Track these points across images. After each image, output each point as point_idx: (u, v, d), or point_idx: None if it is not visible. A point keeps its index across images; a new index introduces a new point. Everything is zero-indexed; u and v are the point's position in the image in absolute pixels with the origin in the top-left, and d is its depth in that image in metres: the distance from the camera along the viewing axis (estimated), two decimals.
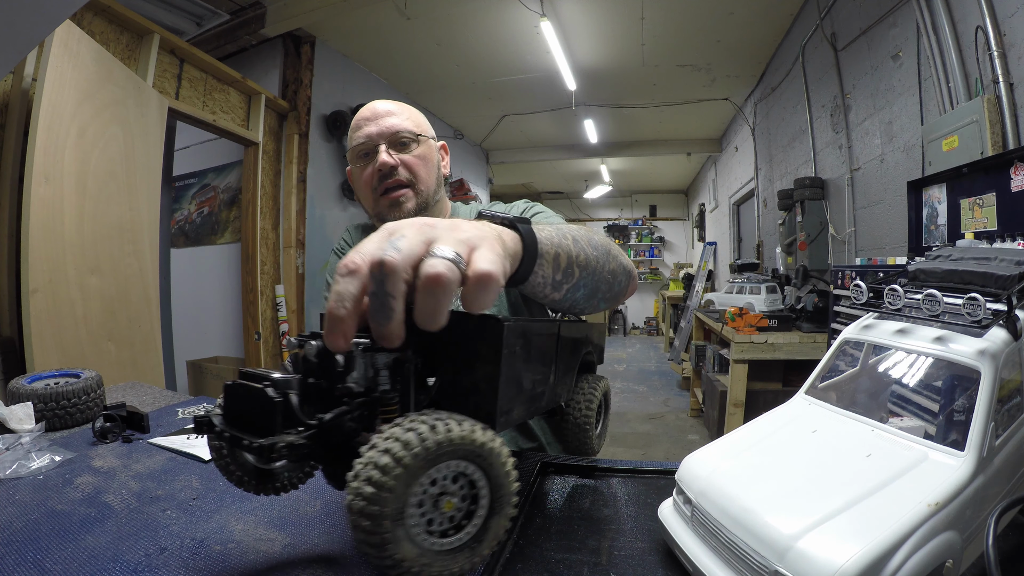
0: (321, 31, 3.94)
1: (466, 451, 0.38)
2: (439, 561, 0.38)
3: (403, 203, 0.99)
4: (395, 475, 0.34)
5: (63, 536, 0.55)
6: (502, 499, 0.42)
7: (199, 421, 0.43)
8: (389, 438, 0.35)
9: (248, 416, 0.41)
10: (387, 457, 0.35)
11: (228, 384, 0.42)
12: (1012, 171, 1.59)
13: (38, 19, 0.75)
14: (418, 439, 0.35)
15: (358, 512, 0.34)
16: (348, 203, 4.39)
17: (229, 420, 0.42)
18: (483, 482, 0.41)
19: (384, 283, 0.37)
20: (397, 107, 1.03)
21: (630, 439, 3.94)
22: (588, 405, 0.68)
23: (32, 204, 1.87)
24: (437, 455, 0.36)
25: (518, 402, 0.52)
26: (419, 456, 0.35)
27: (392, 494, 0.35)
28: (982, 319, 0.48)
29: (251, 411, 0.40)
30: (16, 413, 0.87)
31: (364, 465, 0.35)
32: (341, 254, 1.11)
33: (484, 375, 0.47)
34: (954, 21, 2.08)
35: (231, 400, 0.42)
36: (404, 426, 0.36)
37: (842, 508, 0.41)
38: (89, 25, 2.47)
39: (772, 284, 3.80)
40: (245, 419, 0.41)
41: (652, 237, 10.99)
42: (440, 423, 0.37)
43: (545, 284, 0.53)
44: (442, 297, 0.37)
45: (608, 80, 4.99)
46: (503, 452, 0.41)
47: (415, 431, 0.36)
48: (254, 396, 0.40)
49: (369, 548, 0.35)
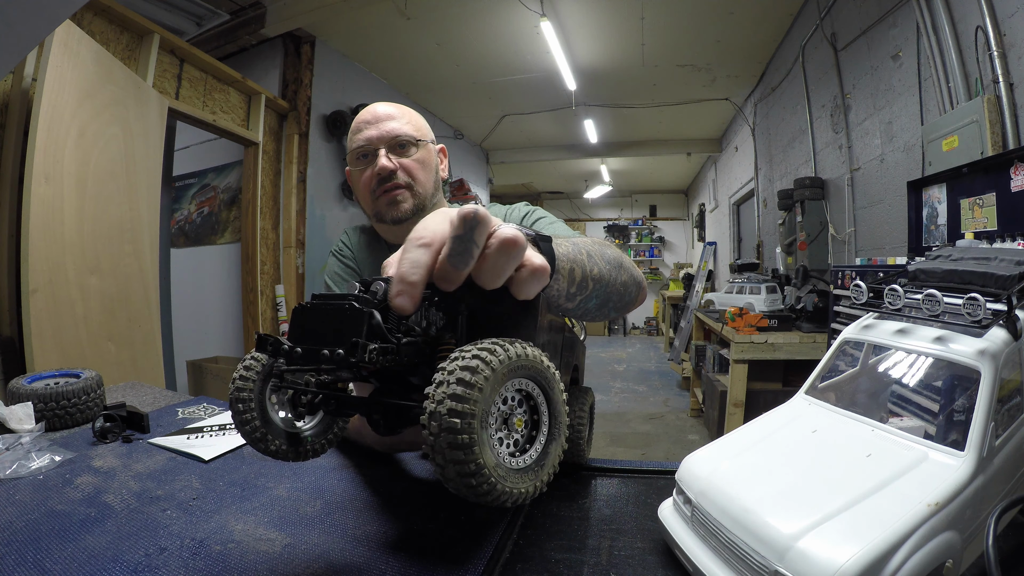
0: (321, 31, 3.94)
1: (535, 370, 0.40)
2: (511, 477, 0.40)
3: (400, 202, 1.00)
4: (485, 376, 0.36)
5: (63, 536, 0.55)
6: (560, 425, 0.44)
7: (263, 339, 0.42)
8: (469, 351, 0.37)
9: (326, 334, 0.40)
10: (477, 361, 0.36)
11: (301, 305, 0.42)
12: (1012, 171, 1.59)
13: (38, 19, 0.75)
14: (502, 350, 0.38)
15: (448, 412, 0.35)
16: (348, 203, 4.39)
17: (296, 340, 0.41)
18: (544, 406, 0.43)
19: (474, 231, 0.41)
20: (397, 110, 1.03)
21: (630, 439, 3.94)
22: (581, 411, 0.69)
23: (32, 204, 1.87)
24: (516, 367, 0.38)
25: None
26: (504, 363, 0.37)
27: (482, 394, 0.36)
28: (982, 319, 0.48)
29: (330, 328, 0.40)
30: (16, 413, 0.87)
31: (451, 372, 0.36)
32: (340, 255, 1.11)
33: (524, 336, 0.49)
34: (954, 21, 2.08)
35: (303, 321, 0.42)
36: (482, 345, 0.38)
37: (842, 508, 0.41)
38: (89, 25, 2.47)
39: (772, 284, 3.80)
40: (320, 337, 0.40)
41: (652, 237, 10.99)
42: (515, 344, 0.39)
43: (560, 296, 0.57)
44: (513, 258, 0.42)
45: (608, 80, 4.99)
46: (560, 378, 0.43)
47: (498, 343, 0.38)
48: (337, 312, 0.40)
49: (457, 451, 0.36)
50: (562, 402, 0.43)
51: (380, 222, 1.05)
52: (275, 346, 0.42)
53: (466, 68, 4.71)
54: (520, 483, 0.40)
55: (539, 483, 0.42)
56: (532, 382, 0.41)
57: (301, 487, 0.69)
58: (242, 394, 0.47)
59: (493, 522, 0.58)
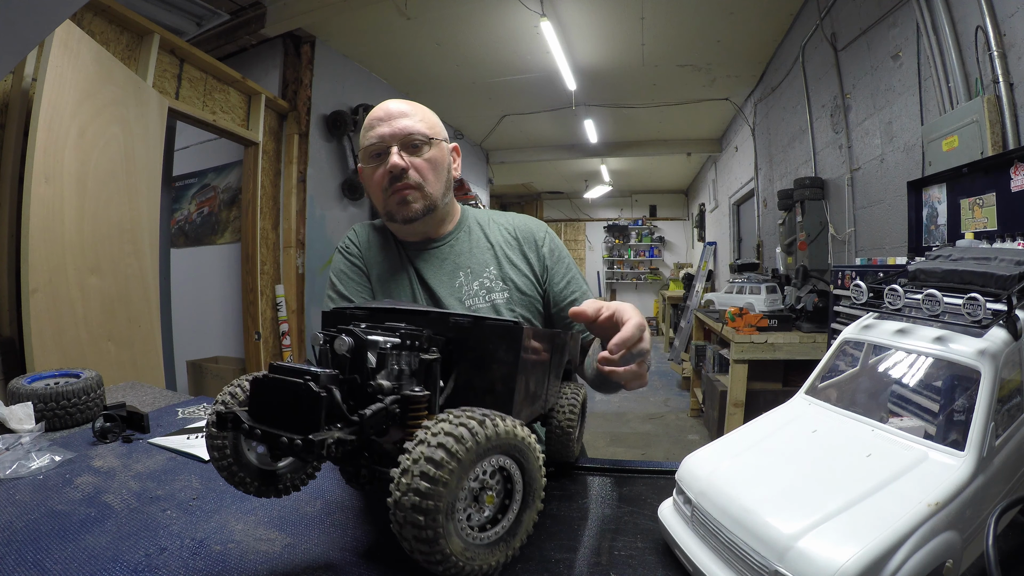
0: (321, 31, 3.94)
1: (509, 446, 0.38)
2: (480, 555, 0.39)
3: (411, 202, 1.00)
4: (450, 469, 0.34)
5: (63, 536, 0.55)
6: (534, 493, 0.42)
7: (223, 417, 0.40)
8: (439, 433, 0.35)
9: (283, 412, 0.39)
10: (442, 451, 0.34)
11: (258, 377, 0.40)
12: (1012, 171, 1.59)
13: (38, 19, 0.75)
14: (470, 434, 0.36)
15: (411, 508, 0.34)
16: (348, 203, 4.39)
17: (257, 416, 0.40)
18: (519, 476, 0.41)
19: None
20: (411, 108, 1.02)
21: (630, 439, 3.94)
22: (571, 411, 0.69)
23: (32, 204, 1.87)
24: (486, 449, 0.37)
25: (527, 403, 0.54)
26: (471, 451, 0.36)
27: (447, 489, 0.35)
28: (982, 319, 0.48)
29: (287, 406, 0.38)
30: (16, 413, 0.87)
31: (415, 461, 0.35)
32: (346, 252, 1.11)
33: (501, 376, 0.48)
34: (954, 21, 2.08)
35: (261, 395, 0.40)
36: (452, 421, 0.36)
37: (842, 508, 0.41)
38: (89, 25, 2.47)
39: (772, 284, 3.79)
40: (278, 415, 0.39)
41: (652, 237, 10.98)
42: (488, 419, 0.37)
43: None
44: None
45: (608, 80, 4.99)
46: (537, 447, 0.42)
47: (466, 426, 0.36)
48: (293, 391, 0.38)
49: (420, 544, 0.35)
50: (538, 469, 0.42)
51: (391, 221, 1.05)
52: (235, 424, 0.40)
53: (466, 68, 4.71)
54: (491, 557, 0.40)
55: (510, 551, 0.41)
56: (506, 457, 0.39)
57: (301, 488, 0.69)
58: (215, 441, 0.46)
59: None
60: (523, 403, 0.52)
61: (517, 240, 1.11)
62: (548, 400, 0.66)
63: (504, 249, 1.10)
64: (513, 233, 1.12)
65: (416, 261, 1.08)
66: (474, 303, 1.03)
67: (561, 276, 1.09)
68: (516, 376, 0.48)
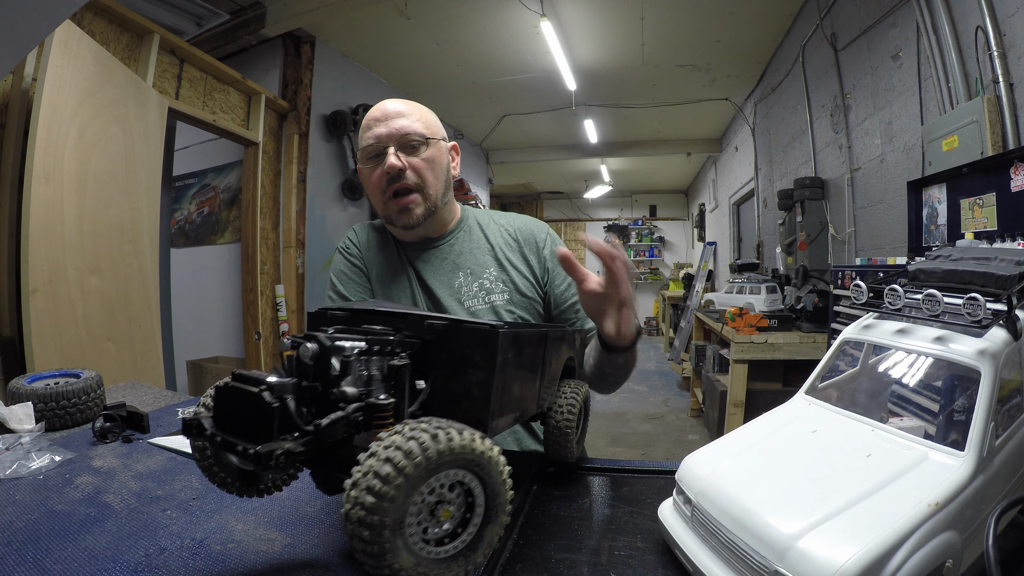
0: (321, 31, 3.94)
1: (466, 460, 0.38)
2: (435, 569, 0.38)
3: (412, 209, 0.99)
4: (396, 485, 0.34)
5: (63, 536, 0.55)
6: (497, 507, 0.41)
7: (188, 424, 0.42)
8: (390, 446, 0.35)
9: (241, 420, 0.39)
10: (388, 466, 0.34)
11: (219, 386, 0.41)
12: (1012, 171, 1.59)
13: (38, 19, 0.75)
14: (420, 448, 0.35)
15: (357, 522, 0.34)
16: (348, 203, 4.38)
17: (220, 424, 0.41)
18: (479, 490, 0.40)
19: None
20: (408, 107, 1.02)
21: (630, 439, 3.94)
22: (570, 410, 0.67)
23: (32, 204, 1.87)
24: (438, 464, 0.36)
25: (508, 408, 0.52)
26: (420, 466, 0.35)
27: (393, 504, 0.34)
28: (982, 319, 0.48)
29: (245, 415, 0.39)
30: (16, 413, 0.87)
31: (364, 474, 0.34)
32: (346, 253, 1.11)
33: (478, 381, 0.47)
34: (954, 21, 2.08)
35: (223, 403, 0.41)
36: (405, 434, 0.36)
37: (842, 508, 0.41)
38: (89, 25, 2.47)
39: (772, 284, 3.79)
40: (238, 423, 0.40)
41: (652, 237, 10.98)
42: (441, 431, 0.36)
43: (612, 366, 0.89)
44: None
45: (608, 80, 4.99)
46: (500, 460, 0.40)
47: (417, 440, 0.35)
48: (249, 400, 0.39)
49: (367, 558, 0.35)
50: (502, 483, 0.41)
51: (391, 225, 1.05)
52: (199, 431, 0.41)
53: (466, 68, 4.71)
54: (447, 572, 0.39)
55: (471, 567, 0.41)
56: (464, 471, 0.39)
57: (301, 487, 0.69)
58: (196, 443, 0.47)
59: None
60: (504, 408, 0.51)
61: (518, 242, 1.11)
62: (543, 400, 0.65)
63: (504, 250, 1.09)
64: (514, 234, 1.12)
65: (415, 261, 1.08)
66: (473, 304, 1.03)
67: (563, 278, 1.09)
68: (492, 382, 0.47)
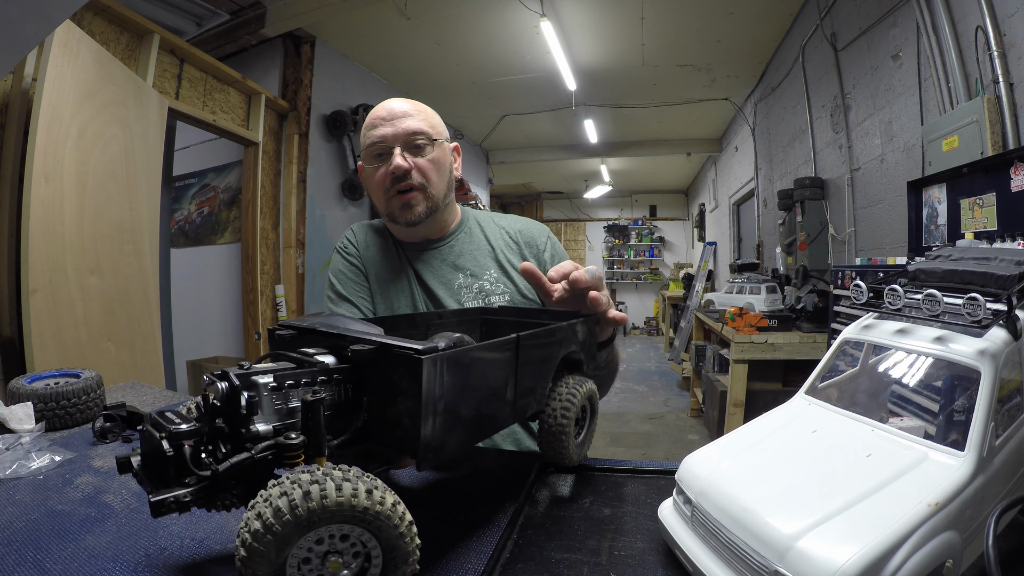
0: (321, 31, 3.94)
1: (346, 516, 0.37)
2: None
3: (414, 205, 1.00)
4: (265, 542, 0.34)
5: (63, 536, 0.55)
6: (396, 559, 0.40)
7: (120, 461, 0.44)
8: (267, 499, 0.35)
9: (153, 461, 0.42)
10: (258, 523, 0.34)
11: (140, 429, 0.44)
12: (1012, 171, 1.59)
13: (38, 19, 0.75)
14: (288, 506, 0.35)
15: (239, 569, 0.35)
16: (348, 203, 4.38)
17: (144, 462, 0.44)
18: (373, 543, 0.39)
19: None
20: (413, 107, 1.02)
21: (630, 439, 3.94)
22: (564, 413, 0.63)
23: (32, 204, 1.87)
24: (310, 522, 0.35)
25: (456, 433, 0.50)
26: (289, 524, 0.35)
27: (264, 559, 0.35)
28: (982, 319, 0.48)
29: (153, 457, 0.42)
30: (16, 413, 0.87)
31: (244, 524, 0.35)
32: (344, 253, 1.11)
33: (406, 410, 0.45)
34: (954, 21, 2.08)
35: (144, 443, 0.43)
36: (280, 489, 0.36)
37: (842, 508, 0.41)
38: (89, 25, 2.47)
39: (772, 284, 3.79)
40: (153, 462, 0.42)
41: (652, 237, 10.98)
42: (316, 487, 0.35)
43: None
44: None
45: (608, 80, 4.99)
46: (395, 512, 0.39)
47: (288, 496, 0.35)
48: (153, 445, 0.41)
49: None
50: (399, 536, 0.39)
51: (392, 222, 1.05)
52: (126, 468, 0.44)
53: (466, 68, 4.71)
54: None
55: None
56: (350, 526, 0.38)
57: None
58: None
59: (493, 522, 0.58)
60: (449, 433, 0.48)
61: (518, 244, 1.11)
62: (527, 406, 0.61)
63: (505, 252, 1.09)
64: (514, 236, 1.12)
65: (415, 262, 1.08)
66: (473, 305, 1.03)
67: None
68: (420, 411, 0.44)
